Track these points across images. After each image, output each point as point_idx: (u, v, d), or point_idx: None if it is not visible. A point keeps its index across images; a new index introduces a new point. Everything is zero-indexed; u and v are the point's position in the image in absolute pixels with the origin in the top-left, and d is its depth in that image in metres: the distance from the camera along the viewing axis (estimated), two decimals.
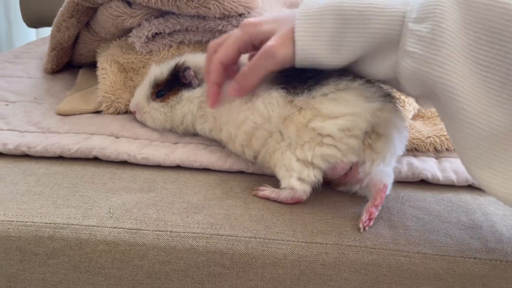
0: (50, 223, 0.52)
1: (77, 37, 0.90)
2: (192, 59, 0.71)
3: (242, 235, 0.51)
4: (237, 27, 0.78)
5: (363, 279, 0.50)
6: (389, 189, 0.54)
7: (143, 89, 0.72)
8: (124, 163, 0.64)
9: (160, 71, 0.71)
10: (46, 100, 0.83)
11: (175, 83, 0.69)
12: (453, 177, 0.60)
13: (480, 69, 0.43)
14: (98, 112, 0.78)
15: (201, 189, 0.58)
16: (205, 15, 0.76)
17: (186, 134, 0.70)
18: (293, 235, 0.51)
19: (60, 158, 0.65)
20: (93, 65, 0.85)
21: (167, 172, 0.62)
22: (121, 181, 0.60)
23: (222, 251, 0.50)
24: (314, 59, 0.51)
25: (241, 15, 0.77)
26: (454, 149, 0.66)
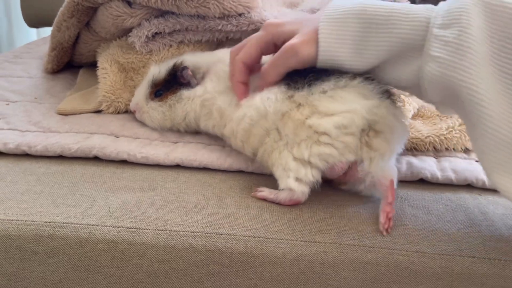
0: (50, 222, 0.52)
1: (78, 37, 0.90)
2: (190, 58, 0.71)
3: (241, 234, 0.51)
4: (237, 26, 0.79)
5: (362, 278, 0.50)
6: (396, 183, 0.53)
7: (142, 89, 0.72)
8: (124, 162, 0.64)
9: (158, 71, 0.71)
10: (46, 99, 0.83)
11: (173, 82, 0.70)
12: (452, 176, 0.60)
13: (504, 77, 0.43)
14: (98, 111, 0.78)
15: (201, 188, 0.58)
16: (205, 14, 0.76)
17: (187, 131, 0.71)
18: (292, 234, 0.51)
19: (60, 157, 0.65)
20: (93, 65, 0.85)
21: (166, 171, 0.62)
22: (120, 180, 0.60)
23: (221, 250, 0.50)
24: (336, 62, 0.52)
25: (240, 15, 0.77)
26: (476, 157, 0.65)
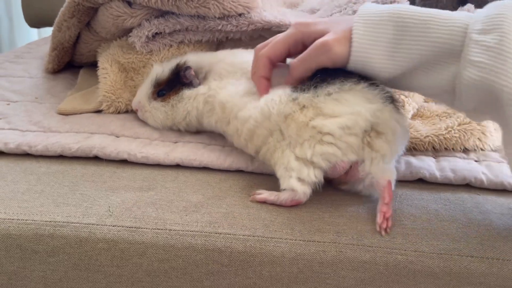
0: (50, 221, 0.53)
1: (78, 37, 0.90)
2: (193, 58, 0.71)
3: (240, 233, 0.51)
4: (237, 27, 0.79)
5: (361, 277, 0.50)
6: (393, 185, 0.53)
7: (145, 88, 0.72)
8: (124, 162, 0.64)
9: (161, 70, 0.71)
10: (47, 99, 0.84)
11: (176, 82, 0.70)
12: (450, 176, 0.60)
13: None
14: (98, 111, 0.78)
15: (200, 187, 0.59)
16: (205, 15, 0.76)
17: (187, 129, 0.71)
18: (291, 233, 0.51)
19: (60, 157, 0.65)
20: (94, 65, 0.86)
21: (166, 171, 0.62)
22: (121, 179, 0.60)
23: (220, 249, 0.51)
24: (367, 64, 0.52)
25: (240, 15, 0.77)
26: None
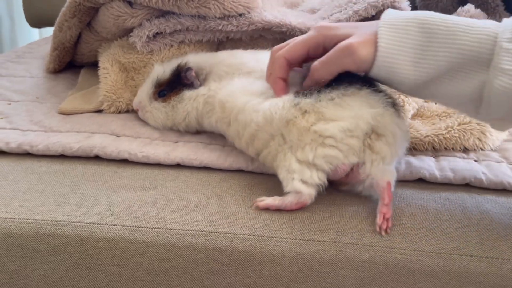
0: (51, 221, 0.53)
1: (79, 37, 0.90)
2: (194, 59, 0.71)
3: (240, 232, 0.52)
4: (237, 27, 0.79)
5: (360, 276, 0.50)
6: (393, 186, 0.54)
7: (146, 88, 0.72)
8: (125, 162, 0.64)
9: (162, 70, 0.71)
10: (48, 99, 0.84)
11: (177, 83, 0.70)
12: (450, 175, 0.60)
13: None
14: (99, 111, 0.78)
15: (201, 187, 0.59)
16: (205, 15, 0.76)
17: (187, 130, 0.71)
18: (291, 232, 0.52)
19: (61, 156, 0.66)
20: (94, 65, 0.86)
21: (167, 170, 0.63)
22: (121, 179, 0.61)
23: (220, 248, 0.51)
24: (391, 69, 0.50)
25: (241, 15, 0.77)
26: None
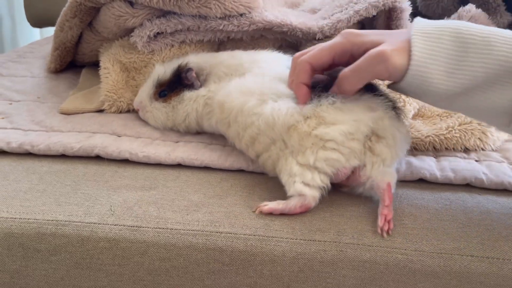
0: (52, 220, 0.53)
1: (80, 37, 0.91)
2: (195, 60, 0.71)
3: (241, 232, 0.52)
4: (238, 27, 0.79)
5: (361, 277, 0.50)
6: (393, 188, 0.54)
7: (147, 88, 0.73)
8: (125, 162, 0.65)
9: (163, 71, 0.71)
10: (49, 99, 0.84)
11: (177, 83, 0.70)
12: (451, 176, 0.60)
13: None
14: (100, 111, 0.79)
15: (202, 187, 0.59)
16: (206, 15, 0.76)
17: (187, 132, 0.71)
18: (291, 232, 0.52)
19: (62, 156, 0.66)
20: (95, 65, 0.86)
21: (168, 170, 0.63)
22: (122, 179, 0.61)
23: (221, 248, 0.51)
24: (425, 78, 0.49)
25: (242, 15, 0.77)
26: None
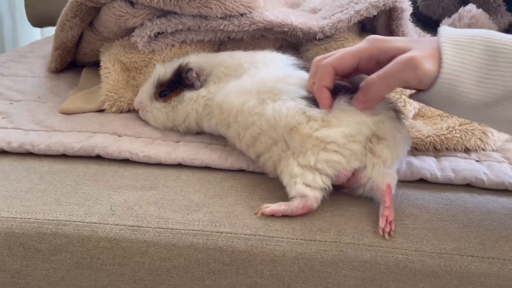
0: (53, 220, 0.53)
1: (81, 37, 0.91)
2: (195, 60, 0.71)
3: (241, 232, 0.52)
4: (239, 26, 0.79)
5: (361, 276, 0.50)
6: (394, 189, 0.54)
7: (147, 88, 0.73)
8: (126, 161, 0.65)
9: (164, 71, 0.72)
10: (49, 99, 0.84)
11: (177, 83, 0.70)
12: (451, 176, 0.60)
13: None
14: (101, 111, 0.79)
15: (202, 187, 0.59)
16: (207, 15, 0.76)
17: (188, 132, 0.71)
18: (292, 232, 0.52)
19: (63, 156, 0.66)
20: (96, 65, 0.86)
21: (168, 170, 0.63)
22: (123, 179, 0.61)
23: (222, 248, 0.51)
24: (455, 87, 0.48)
25: (242, 15, 0.77)
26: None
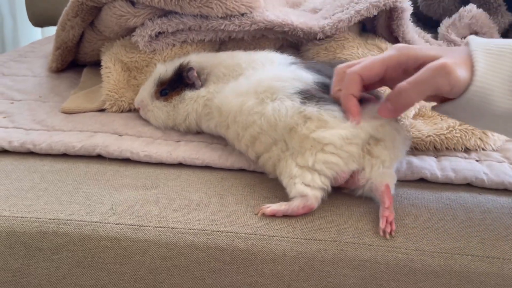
0: (54, 219, 0.53)
1: (82, 36, 0.91)
2: (196, 59, 0.71)
3: (242, 231, 0.52)
4: (239, 26, 0.79)
5: (361, 276, 0.50)
6: (392, 189, 0.54)
7: (148, 87, 0.73)
8: (127, 161, 0.65)
9: (165, 70, 0.72)
10: (50, 98, 0.84)
11: (178, 83, 0.70)
12: (451, 175, 0.60)
13: None
14: (101, 110, 0.79)
15: (203, 186, 0.59)
16: (207, 14, 0.76)
17: (188, 132, 0.71)
18: (292, 231, 0.52)
19: (64, 155, 0.66)
20: (97, 64, 0.86)
21: (169, 169, 0.63)
22: (124, 178, 0.61)
23: (222, 247, 0.51)
24: (486, 95, 0.47)
25: (243, 15, 0.77)
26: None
